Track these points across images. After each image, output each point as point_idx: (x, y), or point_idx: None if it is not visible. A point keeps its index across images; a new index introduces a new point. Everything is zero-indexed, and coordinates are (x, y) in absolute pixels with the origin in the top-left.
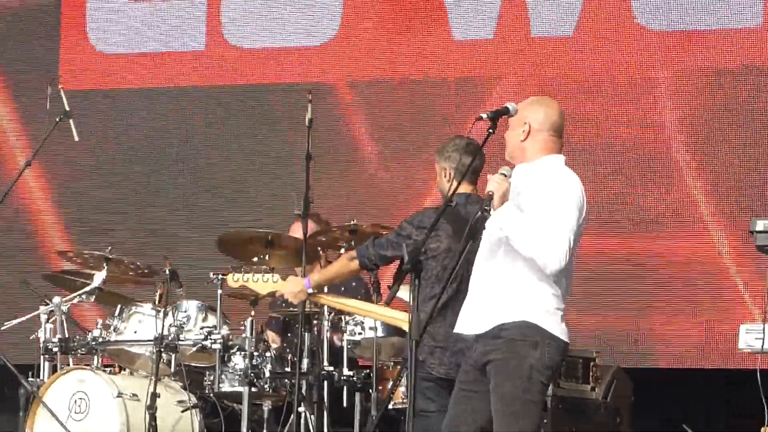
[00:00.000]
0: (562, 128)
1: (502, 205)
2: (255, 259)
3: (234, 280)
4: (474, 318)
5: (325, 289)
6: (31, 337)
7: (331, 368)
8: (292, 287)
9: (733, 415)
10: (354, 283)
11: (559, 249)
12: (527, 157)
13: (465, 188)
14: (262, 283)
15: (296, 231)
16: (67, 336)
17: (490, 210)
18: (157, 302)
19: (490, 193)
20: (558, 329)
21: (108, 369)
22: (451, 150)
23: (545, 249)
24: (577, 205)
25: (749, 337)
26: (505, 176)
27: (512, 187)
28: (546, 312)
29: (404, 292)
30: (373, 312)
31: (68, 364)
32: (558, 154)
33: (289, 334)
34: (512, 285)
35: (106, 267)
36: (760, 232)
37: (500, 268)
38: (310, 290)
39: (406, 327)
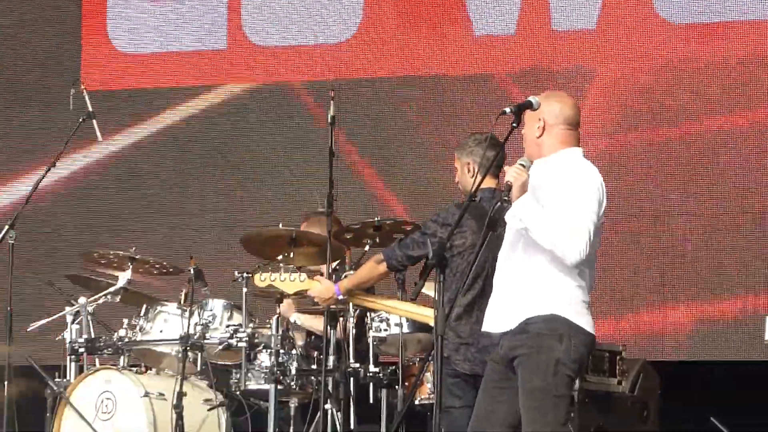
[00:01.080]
0: (578, 120)
1: (521, 196)
2: (279, 257)
3: (261, 279)
4: (500, 315)
5: None
6: (57, 338)
7: (357, 365)
8: (323, 293)
9: (761, 408)
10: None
11: (579, 240)
12: (544, 152)
13: (489, 183)
14: (289, 282)
15: (308, 228)
16: (93, 336)
17: (509, 201)
18: (182, 301)
19: (509, 183)
20: (584, 321)
21: (134, 369)
22: (473, 144)
23: (565, 240)
24: (596, 197)
25: None
26: (524, 167)
27: (531, 182)
28: (571, 304)
29: (431, 289)
30: (400, 309)
31: (94, 365)
32: (575, 147)
33: (312, 336)
34: (536, 279)
35: (131, 267)
36: None
37: (522, 262)
38: (341, 297)
39: (432, 323)
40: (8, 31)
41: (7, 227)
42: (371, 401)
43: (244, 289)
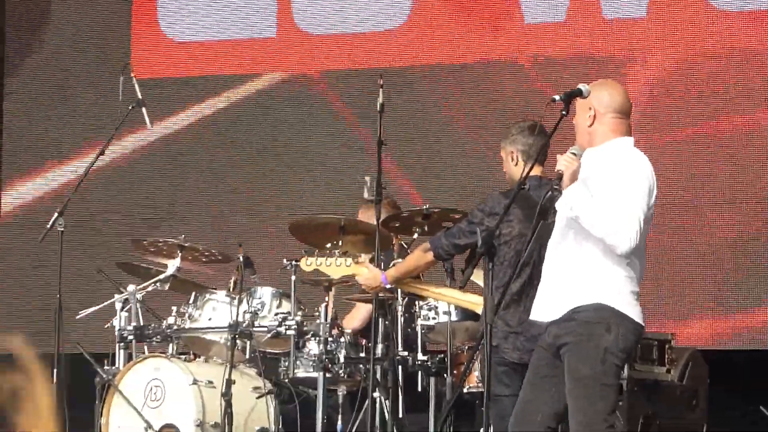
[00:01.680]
0: (629, 110)
1: (572, 184)
2: (328, 245)
3: (307, 264)
4: (548, 304)
5: None
6: (106, 326)
7: (406, 353)
8: (371, 280)
9: None
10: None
11: (630, 229)
12: (595, 141)
13: (535, 171)
14: (335, 267)
15: (363, 216)
16: (142, 324)
17: (559, 189)
18: (231, 289)
19: (560, 171)
20: (632, 311)
21: (183, 356)
22: (516, 133)
23: (615, 229)
24: (647, 186)
25: None
26: (575, 155)
27: (581, 171)
28: (619, 294)
29: (479, 278)
30: (448, 296)
31: (143, 352)
32: (627, 136)
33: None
34: (585, 268)
35: (180, 254)
36: None
37: (571, 251)
38: (388, 285)
39: (480, 311)
40: (60, 20)
41: (56, 214)
42: (419, 389)
43: (293, 277)
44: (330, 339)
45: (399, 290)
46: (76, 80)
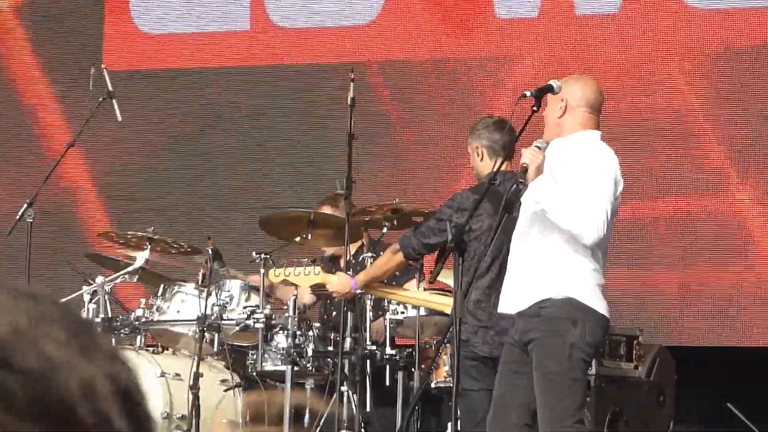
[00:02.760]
0: (600, 106)
1: (537, 177)
2: (297, 239)
3: (276, 275)
4: (514, 295)
5: None
6: None
7: (374, 347)
8: (340, 286)
9: None
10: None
11: (597, 219)
12: (563, 132)
13: (504, 166)
14: (304, 276)
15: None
16: (110, 316)
17: (524, 183)
18: (200, 282)
19: (525, 164)
20: (599, 304)
21: (151, 349)
22: (482, 128)
23: (582, 220)
24: (612, 178)
25: None
26: (540, 149)
27: (547, 161)
28: (586, 288)
29: (447, 277)
30: (417, 299)
31: None
32: (594, 130)
33: (332, 313)
34: (551, 261)
35: (149, 247)
36: None
37: (536, 244)
38: (359, 291)
39: (448, 311)
40: (31, 10)
41: (25, 206)
42: (387, 383)
43: (262, 270)
44: (298, 332)
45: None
46: (47, 70)
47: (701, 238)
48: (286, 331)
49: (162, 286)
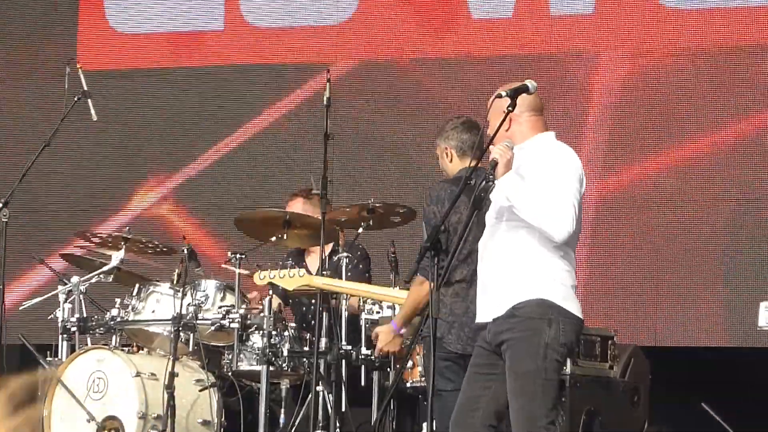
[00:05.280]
0: (542, 106)
1: (506, 173)
2: (273, 238)
3: (260, 278)
4: (489, 304)
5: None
6: (49, 317)
7: (349, 347)
8: (387, 338)
9: (753, 394)
10: (358, 253)
11: (566, 215)
12: (516, 141)
13: (472, 163)
14: (289, 278)
15: (293, 208)
16: (85, 316)
17: (494, 179)
18: (175, 281)
19: (495, 159)
20: (572, 305)
21: (126, 348)
22: (450, 129)
23: (552, 217)
24: (577, 175)
25: None
26: (509, 147)
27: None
28: (559, 289)
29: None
30: (372, 293)
31: (86, 344)
32: (547, 132)
33: (305, 314)
34: (523, 264)
35: (124, 246)
36: None
37: (506, 247)
38: (402, 331)
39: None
40: (5, 10)
41: (0, 205)
42: (363, 384)
43: (237, 270)
44: (274, 332)
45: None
46: (22, 70)
47: (676, 239)
48: (261, 331)
49: (137, 285)
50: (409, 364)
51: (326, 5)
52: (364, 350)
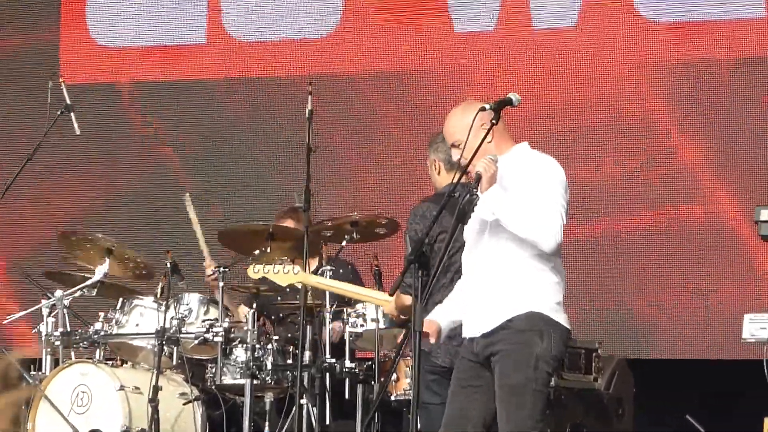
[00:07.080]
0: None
1: (490, 187)
2: (256, 252)
3: (254, 271)
4: (478, 319)
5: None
6: (33, 331)
7: (333, 360)
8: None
9: (737, 406)
10: (341, 270)
11: (554, 224)
12: (501, 152)
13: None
14: (283, 274)
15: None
16: (69, 329)
17: (477, 193)
18: (158, 295)
19: (479, 173)
20: (561, 318)
21: (110, 362)
22: (439, 141)
23: (539, 227)
24: (562, 184)
25: (753, 327)
26: (493, 160)
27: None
28: (549, 301)
29: None
30: (358, 294)
31: (70, 358)
32: (520, 142)
33: (289, 325)
34: (513, 278)
35: (107, 260)
36: (764, 221)
37: (491, 260)
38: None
39: (383, 307)
40: None
41: None
42: (347, 397)
43: (221, 284)
44: (257, 346)
45: (327, 297)
46: (4, 84)
47: (661, 251)
48: (245, 345)
49: (121, 299)
50: (394, 377)
51: (308, 19)
52: (348, 363)
